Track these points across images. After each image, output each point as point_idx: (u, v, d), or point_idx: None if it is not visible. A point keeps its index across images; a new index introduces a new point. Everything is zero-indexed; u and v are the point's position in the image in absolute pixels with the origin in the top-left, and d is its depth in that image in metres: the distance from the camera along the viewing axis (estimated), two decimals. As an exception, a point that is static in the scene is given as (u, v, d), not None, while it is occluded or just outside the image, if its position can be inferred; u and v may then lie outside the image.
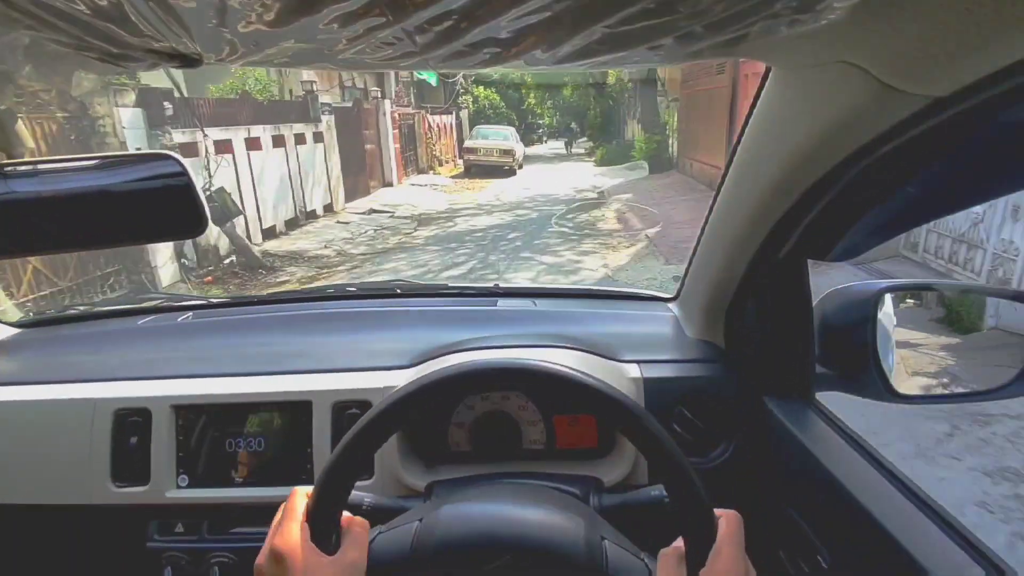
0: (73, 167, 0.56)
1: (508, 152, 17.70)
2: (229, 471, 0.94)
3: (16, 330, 1.17)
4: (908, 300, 0.89)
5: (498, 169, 17.26)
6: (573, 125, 29.21)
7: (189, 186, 0.56)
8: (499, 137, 18.59)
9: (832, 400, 0.90)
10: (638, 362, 0.97)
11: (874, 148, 0.50)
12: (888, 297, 0.89)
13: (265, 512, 0.93)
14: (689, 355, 1.00)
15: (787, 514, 0.85)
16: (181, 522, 0.95)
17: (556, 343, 0.98)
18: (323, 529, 0.57)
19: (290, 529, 0.54)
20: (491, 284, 1.32)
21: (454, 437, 0.98)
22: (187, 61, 0.42)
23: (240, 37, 0.36)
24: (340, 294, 1.28)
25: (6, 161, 0.56)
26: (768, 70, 0.57)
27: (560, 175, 17.32)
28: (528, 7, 0.30)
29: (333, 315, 1.18)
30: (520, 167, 19.06)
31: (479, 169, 17.39)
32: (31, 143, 0.58)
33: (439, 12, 0.31)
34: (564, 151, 28.56)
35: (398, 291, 1.27)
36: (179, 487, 0.93)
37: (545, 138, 38.66)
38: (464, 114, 23.77)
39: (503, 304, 1.20)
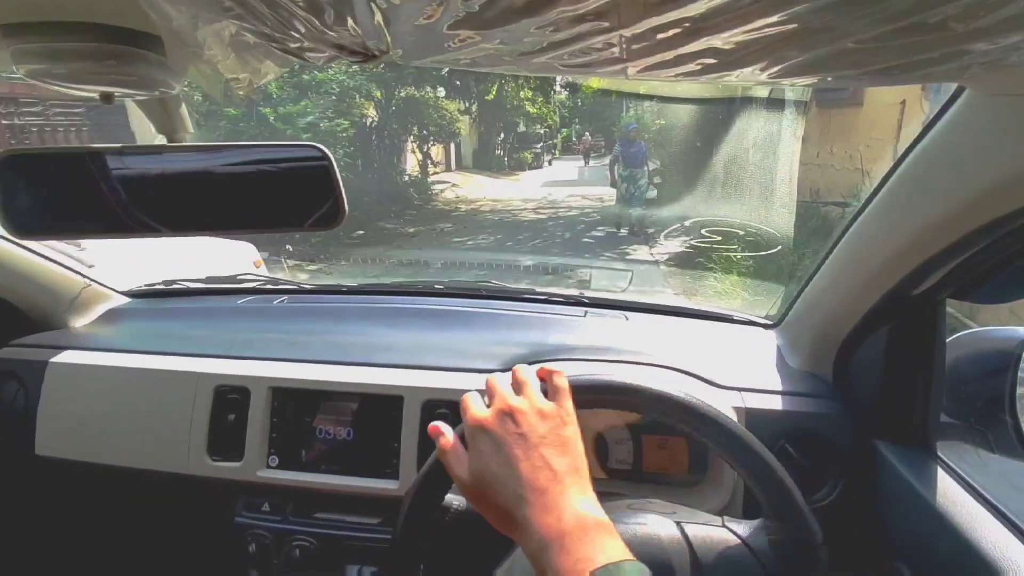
0: (225, 154, 0.58)
1: None
2: (317, 457, 0.95)
3: (127, 299, 1.23)
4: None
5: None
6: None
7: (334, 180, 0.57)
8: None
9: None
10: (740, 390, 0.93)
11: None
12: None
13: (348, 501, 0.95)
14: (795, 387, 0.94)
15: (896, 568, 0.79)
16: (268, 501, 0.97)
17: (655, 362, 0.94)
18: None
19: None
20: (577, 293, 1.30)
21: None
22: (368, 57, 0.41)
23: (440, 37, 0.35)
24: (428, 290, 1.29)
25: (166, 144, 0.58)
26: (957, 92, 0.52)
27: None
28: (777, 17, 0.28)
29: (422, 311, 1.18)
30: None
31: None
32: (192, 129, 0.59)
33: (672, 19, 0.29)
34: (600, 210, 10.48)
35: (484, 292, 1.27)
36: (269, 467, 0.95)
37: (549, 159, 23.44)
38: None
39: (592, 315, 1.18)
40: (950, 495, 0.73)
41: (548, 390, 0.58)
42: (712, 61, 0.33)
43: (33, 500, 1.08)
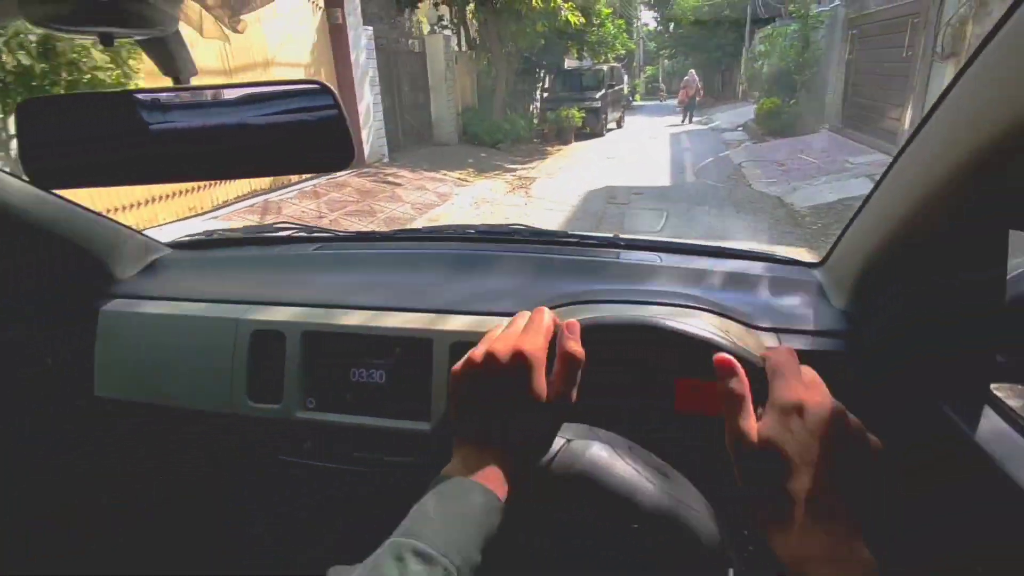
0: (232, 95, 0.57)
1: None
2: (353, 399, 0.98)
3: (170, 250, 1.28)
4: None
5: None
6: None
7: (341, 118, 0.55)
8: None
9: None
10: (776, 331, 0.89)
11: None
12: None
13: (383, 441, 0.98)
14: (835, 327, 0.89)
15: (942, 512, 0.75)
16: (309, 441, 1.01)
17: (689, 303, 0.91)
18: (552, 356, 0.57)
19: (540, 339, 0.57)
20: (611, 235, 1.26)
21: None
22: None
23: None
24: (460, 236, 1.28)
25: (173, 87, 0.57)
26: None
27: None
28: None
29: (453, 256, 1.18)
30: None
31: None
32: (196, 69, 0.59)
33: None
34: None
35: (516, 236, 1.25)
36: (307, 409, 0.99)
37: (618, 117, 15.09)
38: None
39: (625, 257, 1.14)
40: (1003, 439, 0.69)
41: None
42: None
43: (94, 438, 1.16)
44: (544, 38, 11.20)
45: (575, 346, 0.56)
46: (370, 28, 8.64)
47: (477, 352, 0.56)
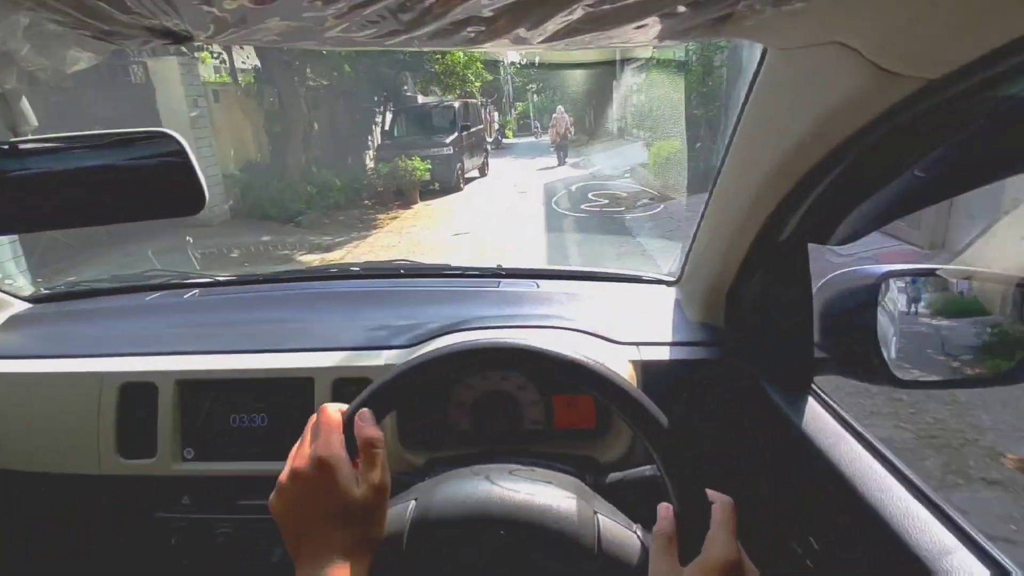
0: (76, 145, 0.57)
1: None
2: (233, 445, 0.96)
3: (29, 305, 1.20)
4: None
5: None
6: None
7: (189, 164, 0.57)
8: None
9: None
10: (637, 344, 0.98)
11: (869, 132, 0.49)
12: (893, 282, 0.88)
13: (269, 485, 0.97)
14: (689, 338, 1.00)
15: (782, 498, 0.85)
16: (187, 494, 0.97)
17: (555, 324, 0.98)
18: (352, 444, 0.59)
19: (332, 439, 0.57)
20: (494, 265, 1.33)
21: (453, 416, 0.99)
22: (178, 38, 0.42)
23: (226, 14, 0.36)
24: (344, 273, 1.30)
25: (12, 140, 0.57)
26: (765, 50, 0.56)
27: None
28: None
29: (336, 294, 1.19)
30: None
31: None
32: (35, 122, 0.58)
33: (419, -10, 0.31)
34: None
35: (401, 271, 1.28)
36: (185, 460, 0.96)
37: (479, 163, 11.43)
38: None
39: (505, 285, 1.21)
40: (821, 425, 0.80)
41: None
42: (481, 28, 0.35)
43: None
44: (352, 65, 8.07)
45: (370, 431, 0.59)
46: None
47: (283, 476, 0.58)
